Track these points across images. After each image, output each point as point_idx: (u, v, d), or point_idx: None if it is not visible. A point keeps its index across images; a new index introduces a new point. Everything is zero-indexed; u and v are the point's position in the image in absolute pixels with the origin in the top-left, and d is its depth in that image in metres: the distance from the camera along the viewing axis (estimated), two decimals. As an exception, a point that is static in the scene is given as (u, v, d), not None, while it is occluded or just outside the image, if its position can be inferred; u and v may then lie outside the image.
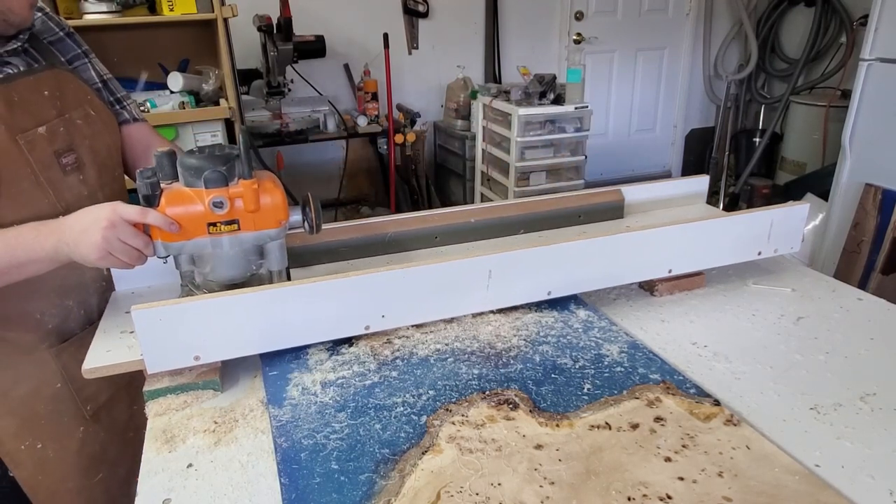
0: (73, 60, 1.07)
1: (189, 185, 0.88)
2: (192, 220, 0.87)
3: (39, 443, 0.99)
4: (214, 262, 0.92)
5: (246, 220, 0.89)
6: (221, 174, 0.86)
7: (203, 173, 0.86)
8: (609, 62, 4.36)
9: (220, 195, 0.87)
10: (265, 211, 0.90)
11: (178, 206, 0.86)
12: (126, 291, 1.08)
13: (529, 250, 0.96)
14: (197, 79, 2.48)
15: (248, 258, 0.93)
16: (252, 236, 0.91)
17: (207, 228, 0.88)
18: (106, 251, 0.85)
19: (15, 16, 0.92)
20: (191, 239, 0.88)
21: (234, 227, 0.89)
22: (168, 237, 0.87)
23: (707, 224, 1.05)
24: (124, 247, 0.86)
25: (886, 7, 2.50)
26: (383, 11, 3.68)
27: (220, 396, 0.85)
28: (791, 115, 3.97)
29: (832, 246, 2.86)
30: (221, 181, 0.87)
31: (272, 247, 0.94)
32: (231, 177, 0.88)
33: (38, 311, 0.97)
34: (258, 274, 0.96)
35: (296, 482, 0.67)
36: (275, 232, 0.92)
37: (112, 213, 0.85)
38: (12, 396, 0.96)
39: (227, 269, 0.92)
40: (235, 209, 0.88)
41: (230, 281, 0.94)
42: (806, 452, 0.70)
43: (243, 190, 0.87)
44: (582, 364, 0.87)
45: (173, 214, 0.86)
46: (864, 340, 0.93)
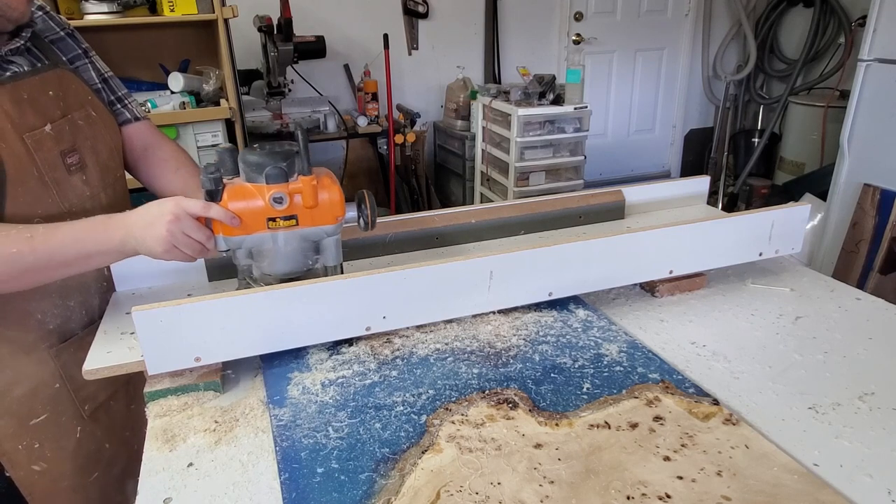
0: (74, 60, 1.07)
1: (250, 180, 0.90)
2: (252, 214, 0.89)
3: (37, 442, 0.99)
4: (272, 257, 0.93)
5: (304, 215, 0.91)
6: (282, 170, 0.89)
7: (264, 169, 0.88)
8: (608, 62, 4.37)
9: (281, 191, 0.89)
10: (323, 207, 0.92)
11: (239, 201, 0.89)
12: (126, 292, 1.08)
13: (530, 251, 0.96)
14: (197, 79, 2.48)
15: (305, 253, 0.95)
16: (309, 232, 0.93)
17: (267, 223, 0.90)
18: (171, 244, 0.87)
19: (13, 10, 0.92)
20: (251, 234, 0.91)
21: (293, 223, 0.91)
22: (229, 231, 0.90)
23: (708, 225, 1.05)
24: (188, 240, 0.88)
25: (885, 7, 2.50)
26: (383, 12, 3.68)
27: (220, 396, 0.85)
28: (790, 116, 3.97)
29: (831, 246, 2.86)
30: (282, 177, 0.89)
31: (328, 242, 0.96)
32: (291, 173, 0.90)
33: (40, 310, 0.97)
34: (314, 269, 0.98)
35: (296, 481, 0.68)
36: (331, 228, 0.94)
37: (176, 207, 0.87)
38: (11, 396, 0.96)
39: (285, 263, 0.94)
40: (294, 205, 0.90)
41: (287, 275, 0.95)
42: (805, 452, 0.70)
43: (303, 186, 0.89)
44: (581, 363, 0.88)
45: (235, 209, 0.88)
46: (862, 340, 0.93)
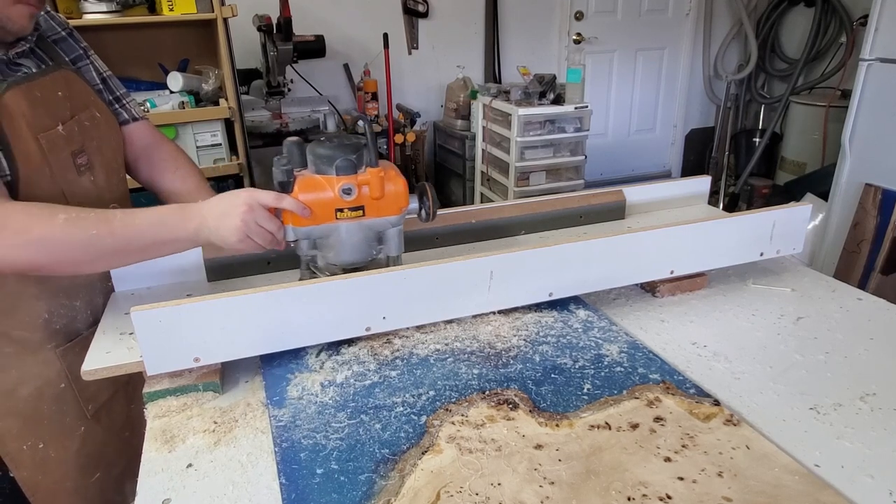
0: (76, 61, 1.07)
1: (320, 172, 0.93)
2: (322, 205, 0.92)
3: (41, 443, 0.99)
4: (338, 247, 0.96)
5: (370, 206, 0.94)
6: (352, 162, 0.91)
7: (335, 161, 0.91)
8: (609, 62, 4.36)
9: (350, 182, 0.91)
10: (388, 198, 0.95)
11: (310, 192, 0.91)
12: (125, 292, 1.08)
13: (530, 251, 0.96)
14: (197, 79, 2.48)
15: (370, 243, 0.98)
16: (375, 222, 0.96)
17: (335, 214, 0.93)
18: (245, 234, 0.89)
19: (13, 24, 0.92)
20: (319, 224, 0.93)
21: (360, 214, 0.94)
22: (298, 222, 0.92)
23: (709, 225, 1.05)
24: (260, 230, 0.90)
25: (886, 7, 2.50)
26: (383, 11, 3.68)
27: (219, 397, 0.85)
28: (791, 115, 3.97)
29: (832, 246, 2.86)
30: (351, 169, 0.92)
31: (392, 233, 0.99)
32: (359, 165, 0.93)
33: (48, 310, 0.98)
34: (377, 259, 1.00)
35: (295, 482, 0.67)
36: (395, 219, 0.97)
37: (250, 198, 0.90)
38: (17, 396, 0.96)
39: (350, 253, 0.97)
40: (362, 196, 0.93)
41: (351, 265, 0.98)
42: (806, 452, 0.70)
43: (370, 177, 0.92)
44: (582, 364, 0.87)
45: (305, 200, 0.91)
46: (863, 340, 0.93)
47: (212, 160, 2.47)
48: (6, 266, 0.85)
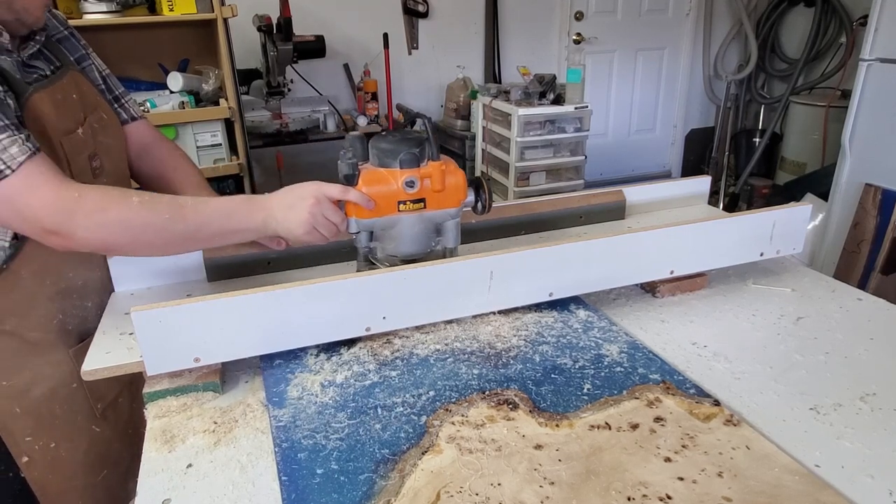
0: (80, 60, 1.07)
1: (383, 165, 0.95)
2: (385, 197, 0.95)
3: (53, 442, 0.99)
4: (398, 239, 0.99)
5: (431, 199, 0.97)
6: (415, 156, 0.94)
7: (399, 155, 0.93)
8: (609, 62, 4.36)
9: (413, 175, 0.94)
10: (449, 191, 0.97)
11: (374, 185, 0.94)
12: (125, 292, 1.08)
13: (531, 251, 0.96)
14: (197, 79, 2.48)
15: (429, 235, 1.00)
16: (435, 214, 0.98)
17: (397, 206, 0.96)
18: (311, 226, 0.92)
19: (30, 15, 0.93)
20: (382, 216, 0.96)
21: (421, 206, 0.97)
22: (362, 214, 0.95)
23: (709, 225, 1.05)
24: (326, 222, 0.93)
25: (886, 7, 2.50)
26: (383, 11, 3.68)
27: (219, 397, 0.85)
28: (791, 115, 3.97)
29: (832, 246, 2.86)
30: (414, 162, 0.94)
31: (450, 225, 1.01)
32: (422, 158, 0.95)
33: (61, 311, 0.98)
34: (435, 250, 1.03)
35: (295, 482, 0.67)
36: (454, 211, 1.00)
37: (317, 191, 0.92)
38: (30, 396, 0.96)
39: (410, 245, 0.99)
40: (424, 188, 0.95)
41: (410, 256, 1.00)
42: (806, 452, 0.70)
43: (432, 170, 0.95)
44: (582, 364, 0.87)
45: (370, 192, 0.94)
46: (863, 340, 0.93)
47: (212, 160, 2.47)
48: (81, 245, 0.86)
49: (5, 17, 0.89)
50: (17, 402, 0.94)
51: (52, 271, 0.99)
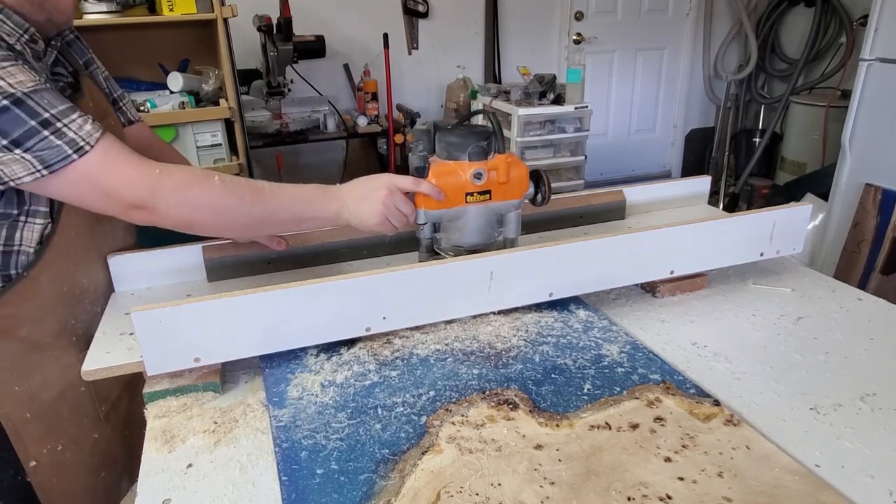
0: (87, 65, 1.07)
1: (452, 158, 0.98)
2: (454, 189, 0.98)
3: (60, 445, 0.99)
4: (464, 229, 1.02)
5: (497, 190, 1.00)
6: (483, 149, 0.97)
7: (468, 148, 0.97)
8: (609, 62, 4.37)
9: (481, 167, 0.97)
10: (513, 182, 1.00)
11: (444, 177, 0.97)
12: (125, 292, 1.08)
13: (530, 251, 0.96)
14: (197, 79, 2.48)
15: (492, 226, 1.04)
16: (499, 205, 1.02)
17: (465, 198, 0.99)
18: (384, 216, 0.95)
19: (61, 15, 0.93)
20: (450, 207, 0.99)
21: (487, 197, 1.00)
22: (431, 205, 0.98)
23: (709, 225, 1.05)
24: (398, 213, 0.96)
25: (886, 7, 2.50)
26: (383, 11, 3.68)
27: (219, 397, 0.85)
28: (791, 115, 3.97)
29: (832, 246, 2.86)
30: (483, 155, 0.98)
31: (512, 216, 1.05)
32: (489, 151, 0.99)
33: (74, 317, 0.98)
34: (497, 241, 1.06)
35: (296, 482, 0.67)
36: (517, 202, 1.03)
37: (390, 183, 0.95)
38: (40, 400, 0.96)
39: (474, 235, 1.03)
40: (490, 180, 0.98)
41: (474, 247, 1.03)
42: (806, 452, 0.70)
43: (499, 163, 0.98)
44: (582, 364, 0.87)
45: (440, 184, 0.97)
46: (864, 340, 0.93)
47: (212, 160, 2.47)
48: (164, 220, 0.88)
49: (37, 17, 0.89)
50: (28, 407, 0.94)
51: (69, 278, 0.99)
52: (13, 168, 0.80)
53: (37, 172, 0.80)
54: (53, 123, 0.80)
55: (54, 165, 0.81)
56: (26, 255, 0.92)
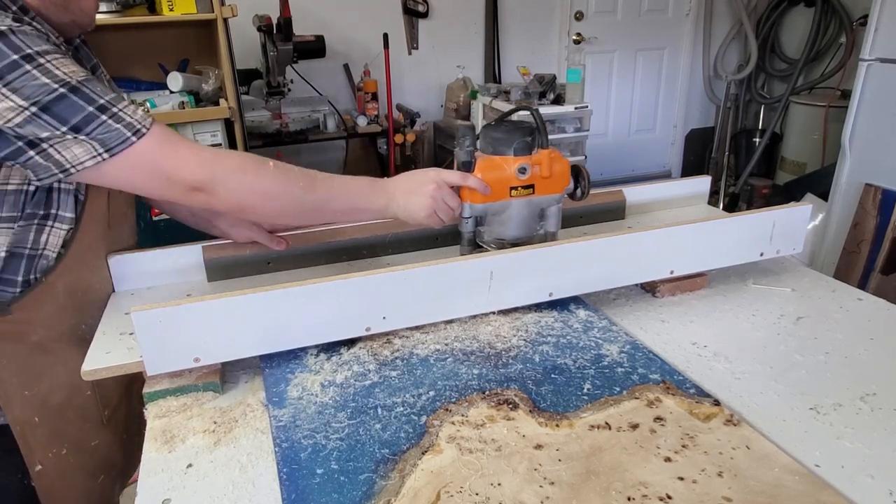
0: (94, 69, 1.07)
1: (497, 153, 1.01)
2: (499, 183, 1.00)
3: (64, 449, 0.99)
4: (508, 223, 1.04)
5: (540, 184, 1.03)
6: (528, 144, 1.00)
7: (513, 143, 0.99)
8: (609, 62, 4.37)
9: (526, 162, 1.00)
10: (555, 177, 1.03)
11: (490, 171, 1.00)
12: (125, 292, 1.08)
13: (530, 251, 0.96)
14: (197, 79, 2.48)
15: (534, 219, 1.06)
16: (542, 199, 1.04)
17: (509, 192, 1.01)
18: (433, 210, 0.97)
19: (86, 16, 0.94)
20: (495, 201, 1.01)
21: (530, 191, 1.02)
22: (476, 199, 1.00)
23: (709, 225, 1.05)
24: (446, 207, 0.98)
25: (886, 7, 2.50)
26: (383, 11, 3.68)
27: (219, 397, 0.85)
28: (791, 115, 3.97)
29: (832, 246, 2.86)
30: (527, 150, 1.00)
31: (553, 210, 1.07)
32: (533, 146, 1.01)
33: (84, 322, 0.98)
34: (538, 234, 1.08)
35: (296, 482, 0.67)
36: (558, 196, 1.06)
37: (438, 177, 0.98)
38: (49, 405, 0.96)
39: (517, 228, 1.05)
40: (534, 174, 1.01)
41: (516, 240, 1.06)
42: (806, 452, 0.70)
43: (542, 158, 1.01)
44: (582, 364, 0.87)
45: (486, 178, 0.99)
46: (864, 340, 0.93)
47: (212, 160, 2.47)
48: (222, 203, 0.89)
49: (62, 19, 0.89)
50: (37, 412, 0.94)
51: (83, 284, 1.00)
52: (75, 152, 0.81)
53: (98, 156, 0.81)
54: (110, 108, 0.81)
55: (115, 148, 0.81)
56: (47, 260, 0.93)
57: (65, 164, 0.81)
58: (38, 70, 0.77)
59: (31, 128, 0.78)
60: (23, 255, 0.91)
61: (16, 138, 0.79)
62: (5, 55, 0.76)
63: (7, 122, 0.77)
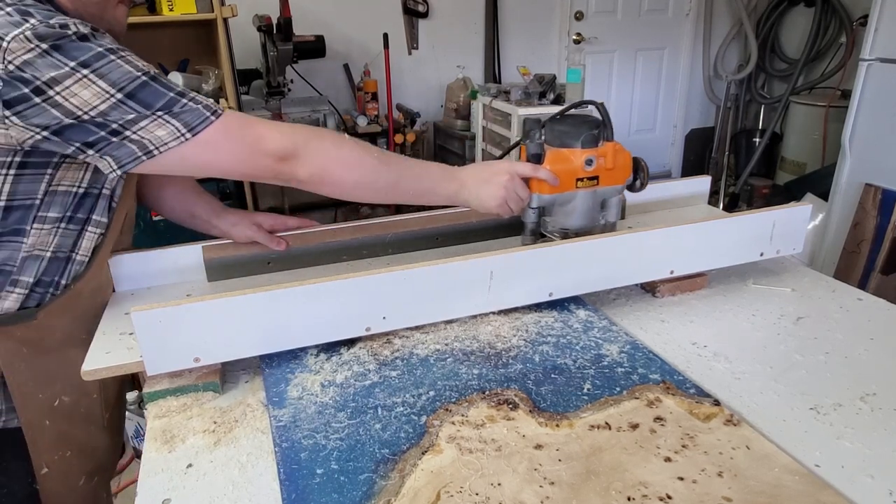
0: None
1: (564, 145, 1.04)
2: (567, 175, 1.04)
3: (69, 451, 1.00)
4: (573, 213, 1.08)
5: (604, 176, 1.06)
6: (594, 136, 1.04)
7: (581, 136, 1.03)
8: (609, 62, 4.37)
9: (592, 154, 1.03)
10: (618, 169, 1.07)
11: (559, 163, 1.03)
12: (125, 292, 1.08)
13: (530, 251, 0.96)
14: (197, 79, 2.48)
15: (597, 210, 1.10)
16: (605, 190, 1.08)
17: (576, 183, 1.04)
18: (504, 199, 1.00)
19: (118, 24, 0.96)
20: (562, 192, 1.04)
21: (595, 183, 1.06)
22: (544, 190, 1.03)
23: (709, 225, 1.05)
24: (517, 197, 1.01)
25: (886, 7, 2.50)
26: (383, 11, 3.68)
27: (219, 397, 0.85)
28: (791, 115, 3.97)
29: (832, 246, 2.86)
30: (594, 142, 1.04)
31: (614, 201, 1.10)
32: (600, 139, 1.05)
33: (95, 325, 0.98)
34: (598, 224, 1.11)
35: (296, 482, 0.67)
36: (620, 187, 1.09)
37: (511, 169, 1.01)
38: (58, 409, 0.96)
39: (581, 218, 1.08)
40: (599, 166, 1.05)
41: (580, 229, 1.09)
42: (806, 452, 0.70)
43: (608, 150, 1.05)
44: (582, 364, 0.87)
45: (555, 170, 1.02)
46: (864, 340, 0.93)
47: (212, 160, 2.47)
48: (306, 172, 0.91)
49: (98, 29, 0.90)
50: (48, 415, 0.95)
51: (103, 290, 1.01)
52: (158, 135, 0.83)
53: (181, 137, 0.84)
54: (187, 94, 0.85)
55: (197, 127, 0.84)
56: (80, 266, 0.95)
57: (149, 146, 0.83)
58: (122, 60, 0.82)
59: (117, 114, 0.81)
60: (62, 258, 0.92)
61: (98, 127, 0.81)
62: (90, 48, 0.80)
63: (91, 110, 0.79)
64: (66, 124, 0.79)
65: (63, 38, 0.78)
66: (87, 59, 0.79)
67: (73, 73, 0.78)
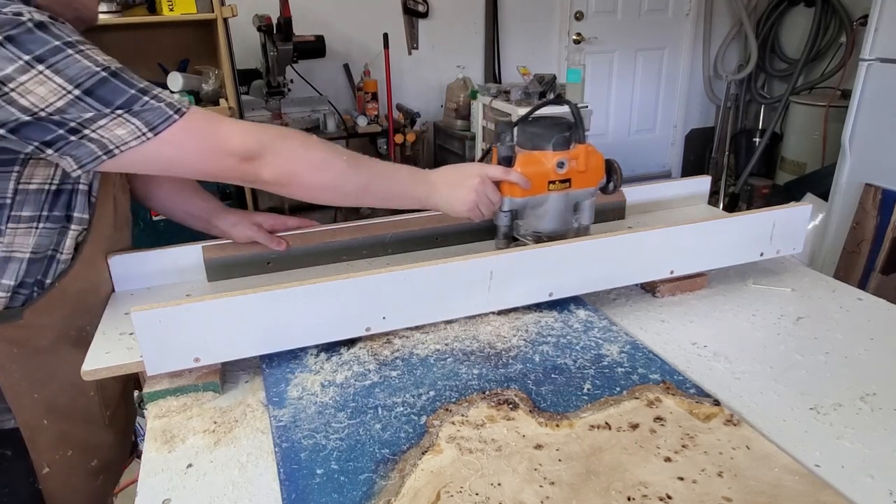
0: None
1: (535, 148, 1.03)
2: (538, 177, 1.02)
3: (70, 450, 0.99)
4: (545, 216, 1.07)
5: (576, 178, 1.05)
6: (566, 139, 1.02)
7: (552, 138, 1.01)
8: (609, 62, 4.37)
9: (564, 157, 1.02)
10: (590, 171, 1.06)
11: (530, 166, 1.02)
12: (125, 292, 1.08)
13: (530, 251, 0.96)
14: (197, 79, 2.48)
15: (569, 213, 1.09)
16: (577, 193, 1.07)
17: (548, 186, 1.03)
18: (475, 204, 0.99)
19: (88, 11, 0.93)
20: (533, 195, 1.03)
21: (567, 185, 1.05)
22: (516, 193, 1.02)
23: (709, 225, 1.05)
24: (488, 201, 1.00)
25: (886, 7, 2.50)
26: (383, 11, 3.68)
27: (219, 397, 0.85)
28: (791, 115, 3.97)
29: (832, 246, 2.86)
30: (566, 145, 1.02)
31: (587, 203, 1.09)
32: (571, 141, 1.03)
33: (90, 323, 0.98)
34: (572, 228, 1.11)
35: (296, 482, 0.67)
36: (593, 190, 1.08)
37: (481, 171, 0.99)
38: (56, 407, 0.96)
39: (553, 221, 1.07)
40: (571, 169, 1.03)
41: (553, 233, 1.08)
42: (806, 452, 0.70)
43: (580, 152, 1.03)
44: (582, 364, 0.87)
45: (526, 173, 1.01)
46: (864, 340, 0.93)
47: (212, 160, 2.47)
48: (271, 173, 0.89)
49: (66, 15, 0.88)
50: (45, 414, 0.94)
51: (92, 288, 1.00)
52: (117, 133, 0.80)
53: (142, 136, 0.81)
54: (149, 91, 0.82)
55: (159, 126, 0.82)
56: (63, 264, 0.93)
57: (109, 145, 0.81)
58: (80, 55, 0.78)
59: (74, 111, 0.78)
60: (44, 257, 0.91)
61: (56, 125, 0.78)
62: (47, 41, 0.76)
63: (48, 107, 0.76)
64: (22, 122, 0.76)
65: (17, 28, 0.74)
66: (42, 54, 0.75)
67: (29, 69, 0.74)
